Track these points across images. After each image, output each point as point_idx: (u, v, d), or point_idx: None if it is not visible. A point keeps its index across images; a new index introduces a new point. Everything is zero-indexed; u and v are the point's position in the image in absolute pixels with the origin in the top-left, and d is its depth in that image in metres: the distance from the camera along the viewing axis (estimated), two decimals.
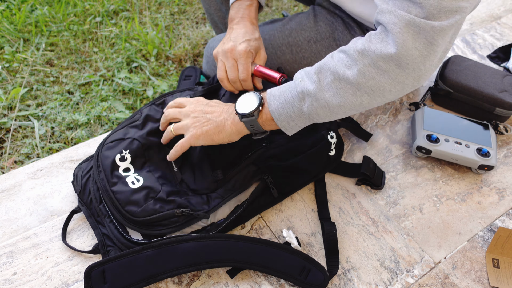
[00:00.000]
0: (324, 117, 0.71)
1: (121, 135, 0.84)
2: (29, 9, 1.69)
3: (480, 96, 1.06)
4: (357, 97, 0.67)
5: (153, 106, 0.90)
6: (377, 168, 0.95)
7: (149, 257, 0.72)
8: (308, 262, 0.76)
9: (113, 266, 0.71)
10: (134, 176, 0.78)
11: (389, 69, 0.63)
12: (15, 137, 1.27)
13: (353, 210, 0.90)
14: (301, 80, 0.70)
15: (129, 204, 0.75)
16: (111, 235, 0.77)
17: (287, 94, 0.71)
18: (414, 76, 0.64)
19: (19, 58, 1.50)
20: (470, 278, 0.81)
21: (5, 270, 0.76)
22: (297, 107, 0.71)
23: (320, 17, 1.01)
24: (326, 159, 0.91)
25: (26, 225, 0.83)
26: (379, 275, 0.80)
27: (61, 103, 1.38)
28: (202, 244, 0.74)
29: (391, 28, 0.61)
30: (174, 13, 1.81)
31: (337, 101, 0.68)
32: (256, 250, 0.76)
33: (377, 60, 0.63)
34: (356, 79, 0.65)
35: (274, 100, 0.73)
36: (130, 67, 1.53)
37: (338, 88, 0.67)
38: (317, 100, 0.68)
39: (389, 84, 0.65)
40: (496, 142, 1.00)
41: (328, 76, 0.68)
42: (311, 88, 0.68)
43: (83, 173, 0.85)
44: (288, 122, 0.73)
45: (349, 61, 0.66)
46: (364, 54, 0.64)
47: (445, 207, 0.92)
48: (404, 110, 1.12)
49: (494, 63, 1.29)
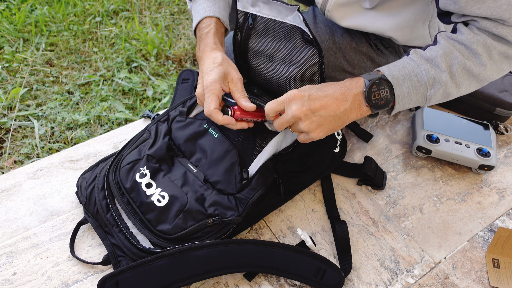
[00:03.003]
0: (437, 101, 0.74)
1: (137, 155, 0.83)
2: (29, 9, 1.69)
3: (480, 96, 1.06)
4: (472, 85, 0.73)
5: (159, 123, 0.89)
6: (378, 168, 0.95)
7: (163, 266, 0.71)
8: (323, 263, 0.76)
9: (127, 277, 0.70)
10: (158, 193, 0.77)
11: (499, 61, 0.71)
12: (15, 137, 1.27)
13: (353, 210, 0.90)
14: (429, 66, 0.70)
15: (160, 223, 0.75)
16: (121, 245, 0.75)
17: (412, 78, 0.71)
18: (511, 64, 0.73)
19: (19, 58, 1.50)
20: (470, 278, 0.81)
21: (5, 270, 0.76)
22: (421, 92, 0.72)
23: (320, 18, 1.01)
24: (332, 155, 0.91)
25: (26, 225, 0.83)
26: (379, 275, 0.80)
27: (61, 103, 1.37)
28: (215, 250, 0.73)
29: None
30: (174, 13, 1.81)
31: (456, 89, 0.72)
32: (271, 254, 0.76)
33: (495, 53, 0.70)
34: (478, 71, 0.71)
35: (398, 83, 0.71)
36: (130, 67, 1.53)
37: (461, 76, 0.71)
38: (446, 88, 0.71)
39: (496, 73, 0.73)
40: (496, 142, 1.00)
41: (456, 66, 0.70)
42: (444, 77, 0.70)
43: (87, 183, 0.84)
44: (404, 104, 0.73)
45: (470, 54, 0.70)
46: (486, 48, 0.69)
47: (445, 207, 0.92)
48: (404, 110, 1.12)
49: None
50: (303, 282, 0.76)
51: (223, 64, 0.76)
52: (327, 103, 0.69)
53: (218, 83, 0.74)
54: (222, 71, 0.75)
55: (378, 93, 0.70)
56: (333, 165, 0.93)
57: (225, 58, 0.78)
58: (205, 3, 0.85)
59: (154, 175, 0.80)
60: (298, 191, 0.89)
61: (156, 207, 0.75)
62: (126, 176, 0.80)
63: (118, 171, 0.81)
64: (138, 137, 0.87)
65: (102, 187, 0.81)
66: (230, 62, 0.79)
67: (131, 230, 0.76)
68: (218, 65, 0.76)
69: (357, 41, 0.97)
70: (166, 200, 0.76)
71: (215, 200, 0.77)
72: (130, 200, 0.78)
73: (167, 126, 0.88)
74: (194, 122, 0.88)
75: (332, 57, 0.99)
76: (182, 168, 0.82)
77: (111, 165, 0.83)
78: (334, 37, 0.98)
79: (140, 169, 0.80)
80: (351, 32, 0.98)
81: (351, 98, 0.70)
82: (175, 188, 0.78)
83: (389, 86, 0.71)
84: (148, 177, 0.79)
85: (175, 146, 0.86)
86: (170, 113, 0.91)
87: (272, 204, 0.86)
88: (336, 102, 0.69)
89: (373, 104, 0.71)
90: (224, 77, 0.75)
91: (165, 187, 0.78)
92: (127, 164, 0.81)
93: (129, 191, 0.78)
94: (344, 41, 0.98)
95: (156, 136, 0.86)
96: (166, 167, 0.82)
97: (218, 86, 0.73)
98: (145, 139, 0.86)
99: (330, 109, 0.69)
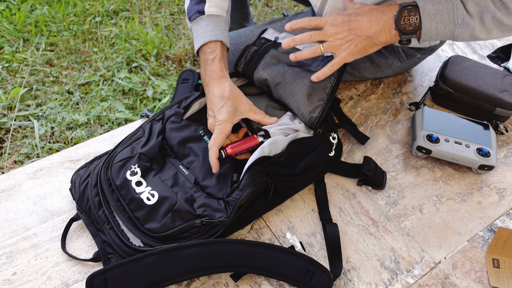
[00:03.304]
0: (464, 40, 0.81)
1: (129, 153, 0.83)
2: (29, 9, 1.69)
3: (480, 96, 1.06)
4: (500, 33, 0.80)
5: (154, 121, 0.89)
6: (378, 168, 0.95)
7: (151, 264, 0.71)
8: (312, 265, 0.76)
9: (115, 274, 0.70)
10: (148, 192, 0.77)
11: None
12: (15, 137, 1.27)
13: (353, 210, 0.90)
14: (462, 7, 0.77)
15: (148, 221, 0.75)
16: (112, 242, 0.76)
17: (444, 15, 0.78)
18: None
19: (19, 58, 1.50)
20: (470, 278, 0.81)
21: (5, 270, 0.76)
22: (450, 30, 0.79)
23: None
24: (327, 159, 0.91)
25: (26, 225, 0.83)
26: (379, 275, 0.80)
27: (61, 103, 1.37)
28: (204, 249, 0.73)
29: None
30: (174, 13, 1.81)
31: (485, 34, 0.79)
32: (259, 255, 0.75)
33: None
34: (509, 23, 0.77)
35: (428, 17, 0.78)
36: (130, 67, 1.53)
37: (491, 24, 0.78)
38: (473, 30, 0.78)
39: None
40: (496, 142, 1.00)
41: (486, 14, 0.77)
42: (473, 21, 0.77)
43: (81, 180, 0.84)
44: (431, 37, 0.80)
45: (502, 6, 0.76)
46: None
47: (445, 207, 0.92)
48: (404, 110, 1.12)
49: (494, 63, 1.29)
50: (291, 283, 0.76)
51: (231, 97, 0.83)
52: (362, 24, 0.80)
53: (229, 123, 0.82)
54: (232, 107, 0.83)
55: (408, 18, 0.79)
56: (327, 169, 0.92)
57: (232, 89, 0.85)
58: (207, 26, 0.88)
59: (145, 173, 0.80)
60: (290, 194, 0.89)
61: (145, 205, 0.76)
62: (117, 173, 0.80)
63: (110, 168, 0.81)
64: (132, 135, 0.88)
65: (95, 184, 0.81)
66: (236, 92, 0.85)
67: (122, 228, 0.76)
68: (227, 99, 0.83)
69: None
70: (156, 199, 0.76)
71: (205, 202, 0.77)
72: (119, 197, 0.78)
73: (161, 125, 0.88)
74: (190, 126, 0.88)
75: None
76: (173, 168, 0.83)
77: (104, 162, 0.83)
78: None
79: (132, 167, 0.80)
80: None
81: (383, 21, 0.80)
82: (165, 188, 0.78)
83: (419, 14, 0.78)
84: (139, 175, 0.79)
85: (167, 146, 0.86)
86: (165, 112, 0.91)
87: (264, 207, 0.85)
88: (369, 24, 0.80)
89: (401, 27, 0.79)
90: (234, 111, 0.83)
91: (155, 186, 0.78)
92: (119, 162, 0.82)
93: (119, 188, 0.78)
94: None
95: (149, 135, 0.87)
96: (157, 167, 0.82)
97: (229, 126, 0.82)
98: (138, 137, 0.87)
99: (364, 28, 0.80)
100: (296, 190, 0.89)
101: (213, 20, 0.88)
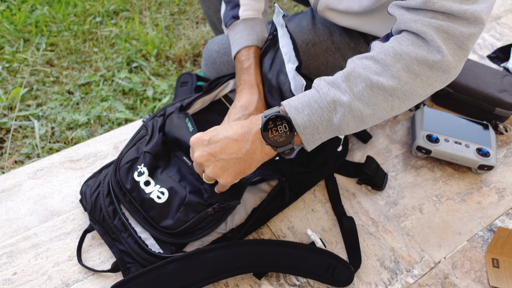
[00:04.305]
0: (353, 128, 0.66)
1: (135, 154, 0.83)
2: (29, 9, 1.69)
3: (480, 96, 1.07)
4: (389, 103, 0.64)
5: (155, 118, 0.90)
6: (379, 168, 0.95)
7: (174, 271, 0.70)
8: (333, 260, 0.77)
9: (138, 284, 0.69)
10: (157, 190, 0.77)
11: (421, 73, 0.61)
12: (15, 137, 1.27)
13: (353, 210, 0.90)
14: (328, 89, 0.64)
15: (163, 219, 0.75)
16: (131, 250, 0.75)
17: (312, 105, 0.64)
18: (442, 79, 0.63)
19: (19, 58, 1.50)
20: (470, 278, 0.81)
21: (5, 270, 0.76)
22: (326, 119, 0.64)
23: (318, 19, 1.01)
24: (335, 154, 0.92)
25: (26, 225, 0.83)
26: (379, 275, 0.80)
27: (61, 103, 1.38)
28: (226, 252, 0.73)
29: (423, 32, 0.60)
30: (174, 13, 1.81)
31: (369, 110, 0.64)
32: (282, 253, 0.76)
33: (411, 63, 0.61)
34: (390, 85, 0.62)
35: (297, 113, 0.64)
36: (130, 67, 1.53)
37: (371, 95, 0.63)
38: (351, 111, 0.63)
39: (421, 88, 0.63)
40: (496, 142, 1.00)
41: (359, 84, 0.63)
42: (344, 97, 0.63)
43: (92, 190, 0.83)
44: (313, 135, 0.65)
45: (379, 67, 0.63)
46: (398, 57, 0.62)
47: (445, 207, 0.92)
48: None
49: (494, 63, 1.29)
50: (314, 279, 0.77)
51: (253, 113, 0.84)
52: (227, 145, 0.66)
53: None
54: None
55: (275, 129, 0.64)
56: (336, 164, 0.93)
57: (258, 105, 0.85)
58: (242, 32, 0.87)
59: (152, 172, 0.80)
60: (304, 192, 0.89)
61: (157, 204, 0.76)
62: (126, 176, 0.80)
63: (118, 170, 0.81)
64: (136, 134, 0.88)
65: (107, 194, 0.81)
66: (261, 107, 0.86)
67: (140, 235, 0.76)
68: (248, 114, 0.83)
69: (355, 41, 0.97)
70: (166, 196, 0.76)
71: (213, 191, 0.77)
72: (132, 199, 0.78)
73: (162, 121, 0.89)
74: None
75: (331, 58, 0.99)
76: (178, 162, 0.83)
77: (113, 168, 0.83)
78: (333, 37, 0.98)
79: (138, 167, 0.80)
80: (349, 32, 0.97)
81: (252, 137, 0.66)
82: (173, 184, 0.78)
83: (287, 120, 0.64)
84: (146, 175, 0.79)
85: (169, 140, 0.87)
86: (167, 109, 0.92)
87: (280, 205, 0.86)
88: (236, 144, 0.66)
89: (271, 141, 0.65)
90: None
91: (164, 183, 0.78)
92: (126, 163, 0.81)
93: (130, 191, 0.78)
94: (342, 41, 0.98)
95: (152, 132, 0.87)
96: (163, 163, 0.83)
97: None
98: (142, 135, 0.87)
99: (230, 151, 0.66)
100: (309, 187, 0.90)
101: (249, 24, 0.87)
